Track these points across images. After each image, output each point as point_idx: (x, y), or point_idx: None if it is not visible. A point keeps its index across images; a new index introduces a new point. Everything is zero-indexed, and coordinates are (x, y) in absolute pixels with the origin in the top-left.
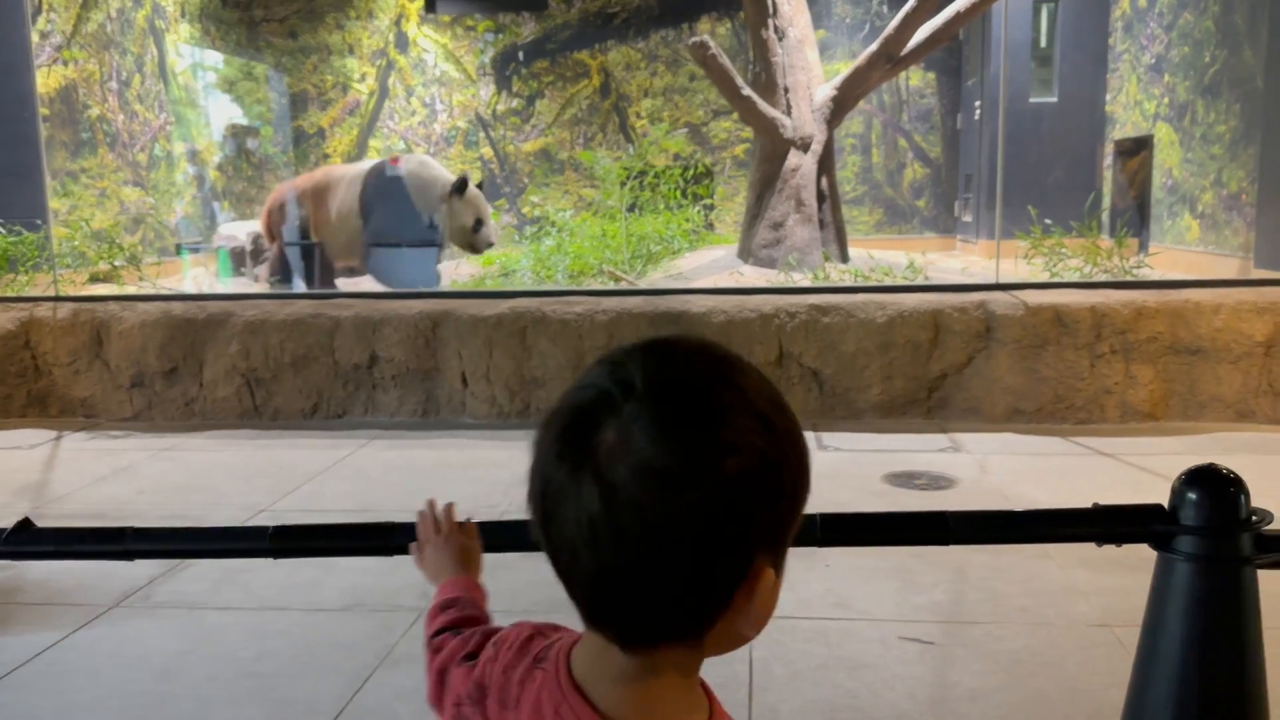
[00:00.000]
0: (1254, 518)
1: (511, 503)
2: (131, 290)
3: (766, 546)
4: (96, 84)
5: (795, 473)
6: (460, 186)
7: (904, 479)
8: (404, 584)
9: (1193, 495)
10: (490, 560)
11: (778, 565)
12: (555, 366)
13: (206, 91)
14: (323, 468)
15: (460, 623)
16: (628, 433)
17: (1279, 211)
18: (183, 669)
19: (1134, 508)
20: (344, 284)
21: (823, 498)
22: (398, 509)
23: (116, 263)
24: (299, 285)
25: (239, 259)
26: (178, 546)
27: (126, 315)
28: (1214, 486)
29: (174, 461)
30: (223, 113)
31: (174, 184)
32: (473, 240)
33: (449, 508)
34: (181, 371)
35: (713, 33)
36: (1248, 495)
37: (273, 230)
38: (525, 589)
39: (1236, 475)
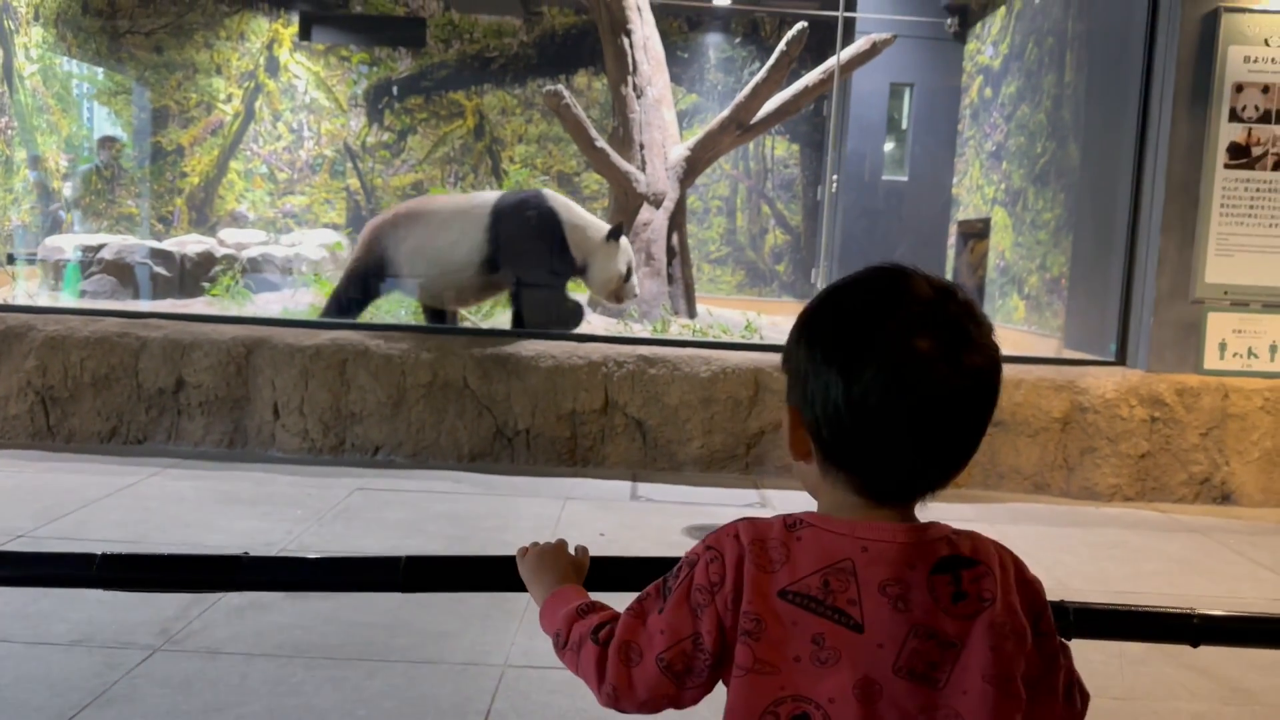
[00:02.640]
0: None
1: (292, 541)
2: None
3: None
4: None
5: None
6: (617, 233)
7: (701, 532)
8: (143, 620)
9: None
10: (247, 598)
11: None
12: (374, 402)
13: (59, 99)
14: (103, 494)
15: (612, 617)
16: (943, 342)
17: (1084, 297)
18: None
19: None
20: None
21: (620, 546)
22: (167, 542)
23: None
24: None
25: (60, 272)
26: None
27: None
28: None
29: None
30: (75, 122)
31: (10, 190)
32: (620, 290)
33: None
34: None
35: (589, 86)
36: None
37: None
38: (275, 630)
39: None
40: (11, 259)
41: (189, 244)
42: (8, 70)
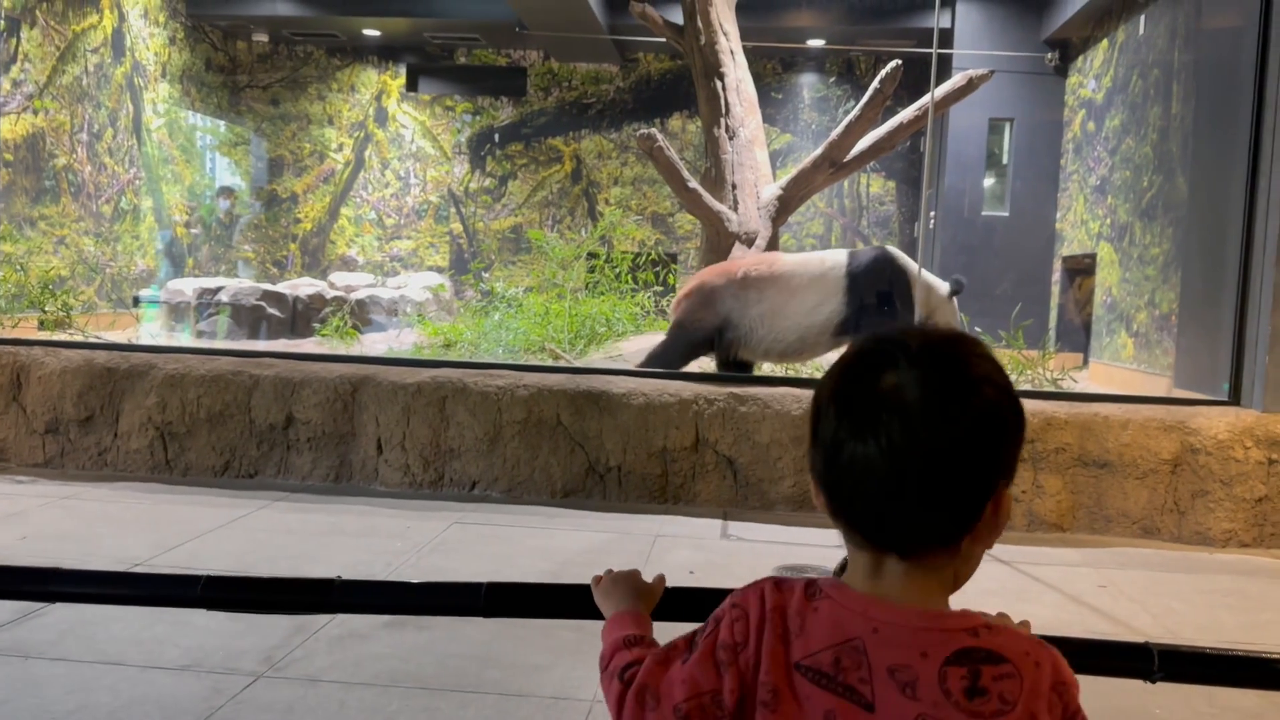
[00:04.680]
0: None
1: (391, 572)
2: (62, 337)
3: (1007, 469)
4: (65, 134)
5: (1022, 410)
6: (958, 289)
7: (793, 571)
8: (248, 648)
9: None
10: (346, 628)
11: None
12: (472, 438)
13: (182, 150)
14: (215, 526)
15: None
16: (909, 378)
17: (1195, 334)
18: None
19: None
20: None
21: (709, 584)
22: (273, 571)
23: (46, 308)
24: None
25: (182, 314)
26: None
27: (49, 360)
28: None
29: (68, 510)
30: (197, 172)
31: (137, 237)
32: None
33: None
34: (97, 420)
35: (682, 129)
36: None
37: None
38: (373, 660)
39: None
40: (137, 301)
41: (301, 286)
42: (137, 124)
